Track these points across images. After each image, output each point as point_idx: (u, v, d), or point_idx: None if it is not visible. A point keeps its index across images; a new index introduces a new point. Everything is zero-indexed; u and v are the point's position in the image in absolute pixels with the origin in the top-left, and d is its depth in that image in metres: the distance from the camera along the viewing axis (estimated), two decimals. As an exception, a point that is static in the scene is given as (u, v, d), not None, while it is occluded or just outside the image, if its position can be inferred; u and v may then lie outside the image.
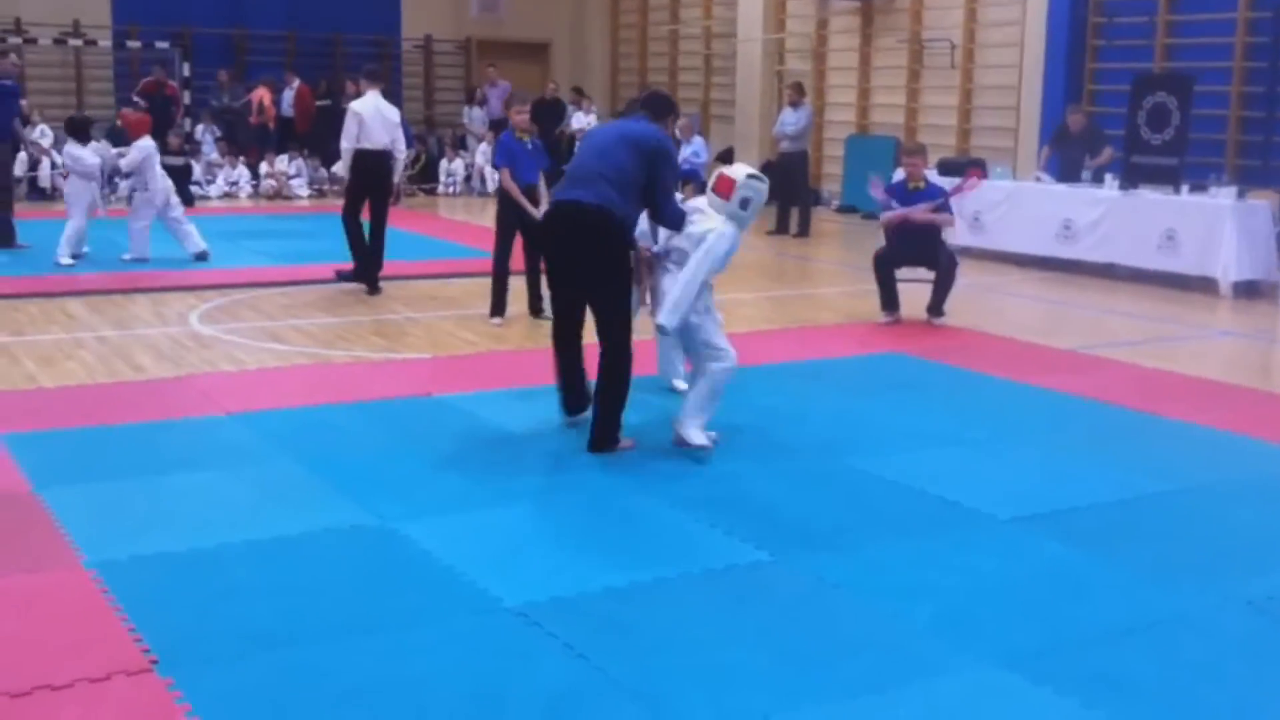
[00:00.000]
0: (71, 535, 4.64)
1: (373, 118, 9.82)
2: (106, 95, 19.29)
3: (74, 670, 3.59)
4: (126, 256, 11.36)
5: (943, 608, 4.23)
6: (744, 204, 5.93)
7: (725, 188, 5.95)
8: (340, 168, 10.28)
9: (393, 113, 10.09)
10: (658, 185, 5.81)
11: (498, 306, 9.01)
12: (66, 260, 11.02)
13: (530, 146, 8.90)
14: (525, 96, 9.59)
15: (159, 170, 11.50)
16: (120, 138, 17.01)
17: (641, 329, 6.11)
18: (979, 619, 4.15)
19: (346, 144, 9.85)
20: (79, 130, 11.67)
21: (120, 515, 4.93)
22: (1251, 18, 12.86)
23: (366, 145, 9.82)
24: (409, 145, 11.92)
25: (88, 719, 3.36)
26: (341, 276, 10.17)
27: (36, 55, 18.83)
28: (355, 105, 9.95)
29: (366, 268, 10.04)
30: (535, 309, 9.03)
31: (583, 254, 5.80)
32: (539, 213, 8.55)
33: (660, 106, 6.14)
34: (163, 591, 4.20)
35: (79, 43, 18.59)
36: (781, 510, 5.19)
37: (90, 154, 11.59)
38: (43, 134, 16.82)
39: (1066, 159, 13.04)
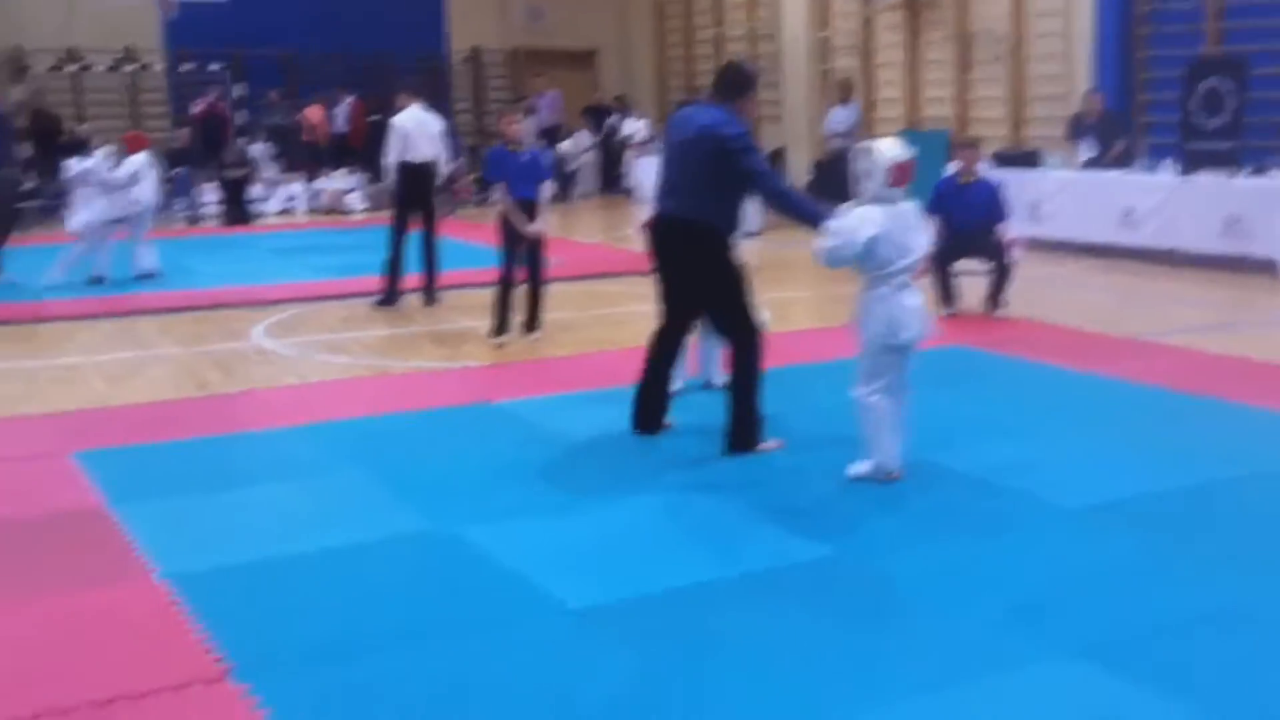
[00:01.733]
0: (145, 549, 4.72)
1: (415, 131, 9.91)
2: (162, 119, 19.60)
3: (152, 680, 3.65)
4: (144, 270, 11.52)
5: (1014, 600, 4.19)
6: (858, 178, 5.31)
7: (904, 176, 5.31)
8: (386, 182, 10.31)
9: (436, 124, 10.17)
10: (745, 176, 5.68)
11: (500, 325, 8.58)
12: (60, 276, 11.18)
13: (526, 159, 8.59)
14: (516, 108, 9.48)
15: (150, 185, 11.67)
16: (176, 159, 17.34)
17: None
18: (1051, 610, 4.11)
19: (390, 159, 9.97)
20: (79, 147, 11.89)
21: (191, 528, 5.01)
22: (1307, -4, 12.66)
23: (411, 158, 9.89)
24: (455, 156, 11.84)
25: (168, 727, 3.43)
26: (375, 304, 10.09)
27: (93, 81, 19.17)
28: (396, 119, 10.05)
29: (395, 289, 10.05)
30: (499, 328, 8.58)
31: (683, 266, 5.83)
32: (535, 229, 8.47)
33: (728, 86, 5.82)
34: (234, 601, 4.26)
35: (133, 68, 18.90)
36: (846, 507, 5.17)
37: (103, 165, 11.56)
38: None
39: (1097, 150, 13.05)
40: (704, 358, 7.11)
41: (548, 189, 8.72)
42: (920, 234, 5.37)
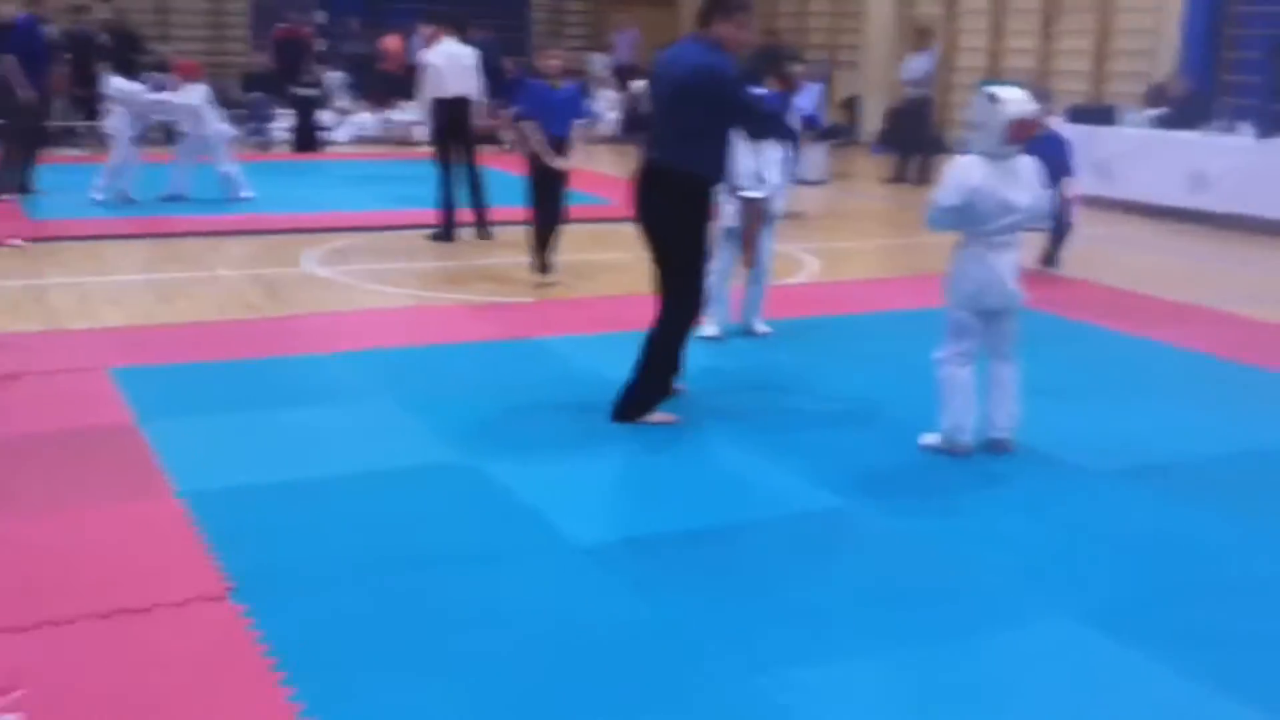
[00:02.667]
0: (168, 466, 4.80)
1: (448, 66, 9.86)
2: (243, 42, 19.75)
3: (154, 595, 3.73)
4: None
5: (1026, 559, 4.17)
6: (974, 125, 5.02)
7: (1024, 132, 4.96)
8: (423, 118, 10.27)
9: (470, 58, 10.06)
10: (730, 112, 5.37)
11: (542, 263, 8.51)
12: (101, 196, 11.26)
13: (564, 95, 8.42)
14: (554, 43, 9.32)
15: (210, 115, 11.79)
16: (253, 83, 17.46)
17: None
18: (1064, 571, 4.08)
19: (424, 95, 9.98)
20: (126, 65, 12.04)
21: (217, 448, 5.08)
22: None
23: (444, 94, 9.85)
24: (495, 93, 11.50)
25: (164, 641, 3.49)
26: (429, 237, 10.13)
27: (179, 4, 19.36)
28: (430, 54, 10.02)
29: (450, 224, 10.05)
30: (542, 266, 8.51)
31: (650, 213, 5.46)
32: (566, 163, 8.33)
33: (705, 10, 5.35)
34: (249, 522, 4.32)
35: (216, -9, 19.09)
36: (870, 459, 5.13)
37: (135, 85, 11.74)
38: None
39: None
40: (747, 303, 7.06)
41: (581, 127, 8.64)
42: (1028, 191, 4.98)
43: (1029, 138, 4.98)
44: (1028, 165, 5.05)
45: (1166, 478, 4.96)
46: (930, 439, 5.23)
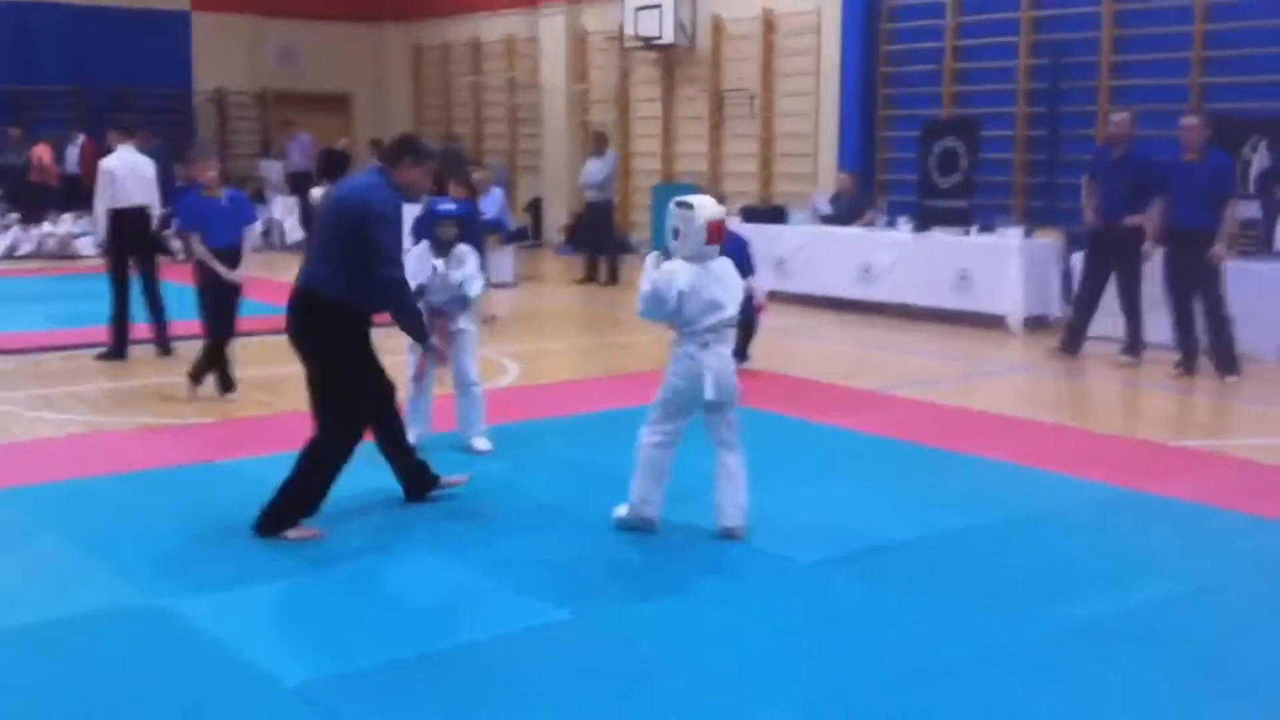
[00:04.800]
0: None
1: (126, 175, 9.40)
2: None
3: None
4: None
5: (745, 657, 4.16)
6: (674, 234, 5.19)
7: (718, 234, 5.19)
8: (99, 229, 9.70)
9: (148, 168, 9.64)
10: (373, 249, 5.19)
11: (225, 381, 8.21)
12: None
13: (225, 203, 8.16)
14: (210, 151, 9.08)
15: None
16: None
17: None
18: (782, 667, 4.09)
19: (100, 205, 9.46)
20: None
21: None
22: (1032, 64, 13.41)
23: (121, 204, 9.36)
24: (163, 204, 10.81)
25: None
26: (99, 356, 9.49)
27: None
28: (105, 163, 9.52)
29: (122, 341, 9.48)
30: (225, 385, 8.19)
31: (294, 337, 5.36)
32: (238, 276, 8.10)
33: (391, 152, 5.42)
34: (-103, 693, 3.81)
35: None
36: (580, 566, 5.05)
37: None
38: None
39: (843, 219, 13.45)
40: (460, 417, 6.85)
41: (253, 235, 8.38)
42: (732, 291, 5.25)
43: (723, 238, 5.22)
44: (727, 265, 5.30)
45: (867, 563, 5.10)
46: (620, 510, 5.37)
